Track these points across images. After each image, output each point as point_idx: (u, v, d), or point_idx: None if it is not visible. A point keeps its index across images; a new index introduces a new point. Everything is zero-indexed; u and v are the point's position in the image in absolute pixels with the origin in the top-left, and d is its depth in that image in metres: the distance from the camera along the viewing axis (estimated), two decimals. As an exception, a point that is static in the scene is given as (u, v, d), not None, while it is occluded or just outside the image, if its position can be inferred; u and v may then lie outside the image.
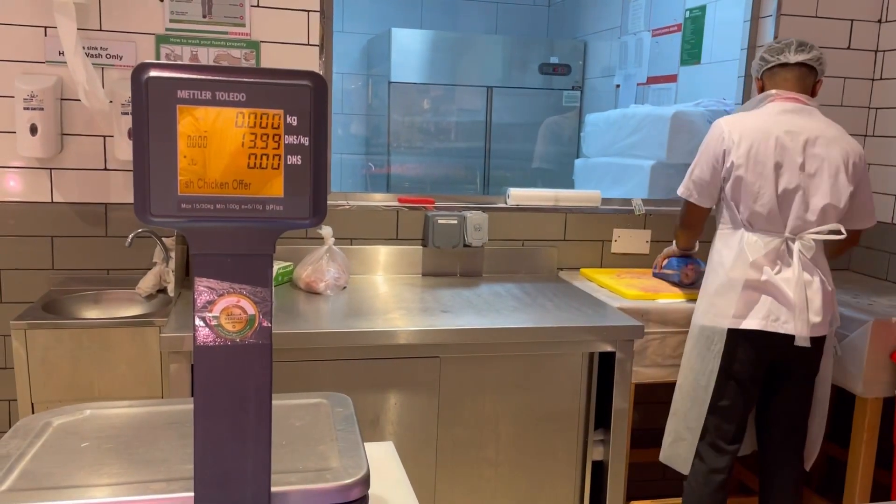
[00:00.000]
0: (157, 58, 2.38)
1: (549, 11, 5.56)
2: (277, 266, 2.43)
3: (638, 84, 4.19)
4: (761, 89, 2.23)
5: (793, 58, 2.14)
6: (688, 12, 3.76)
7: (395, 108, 4.60)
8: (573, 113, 4.89)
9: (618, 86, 4.42)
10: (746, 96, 2.94)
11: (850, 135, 2.18)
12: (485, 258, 2.72)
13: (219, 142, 0.67)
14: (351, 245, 2.61)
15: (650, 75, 4.09)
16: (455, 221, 2.61)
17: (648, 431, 2.96)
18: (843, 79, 2.93)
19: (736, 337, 2.11)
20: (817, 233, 2.09)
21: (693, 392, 2.22)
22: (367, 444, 0.94)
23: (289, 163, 0.68)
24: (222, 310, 0.70)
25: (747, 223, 2.11)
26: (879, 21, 2.92)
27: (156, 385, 2.13)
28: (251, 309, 0.71)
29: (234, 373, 0.72)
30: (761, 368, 2.15)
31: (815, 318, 2.06)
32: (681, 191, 2.25)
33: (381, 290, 2.44)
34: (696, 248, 2.52)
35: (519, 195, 2.77)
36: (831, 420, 2.87)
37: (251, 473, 0.74)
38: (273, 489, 0.77)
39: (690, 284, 2.48)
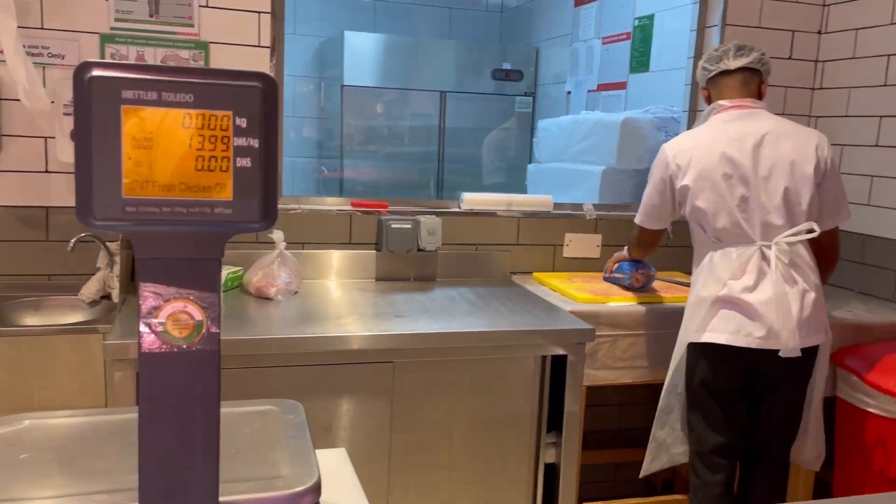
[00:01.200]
0: (102, 58, 2.32)
1: (502, 18, 5.61)
2: (227, 271, 2.39)
3: (589, 91, 4.26)
4: (708, 98, 2.22)
5: (732, 63, 2.13)
6: (636, 21, 3.83)
7: (348, 111, 4.58)
8: (523, 120, 4.94)
9: (569, 92, 4.48)
10: (694, 104, 3.01)
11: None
12: (438, 262, 2.72)
13: (165, 143, 0.66)
14: (303, 249, 2.58)
15: (601, 82, 4.16)
16: (409, 226, 2.61)
17: (600, 433, 3.00)
18: (786, 88, 3.02)
19: (707, 351, 2.08)
20: (791, 235, 2.02)
21: (663, 403, 2.24)
22: (318, 451, 0.93)
23: (238, 165, 0.67)
24: (168, 315, 0.68)
25: (716, 240, 2.08)
26: (819, 32, 3.03)
27: (99, 394, 2.07)
28: (198, 314, 0.69)
29: (181, 380, 0.70)
30: (738, 381, 2.10)
31: (800, 328, 1.98)
32: (636, 219, 2.32)
33: (334, 295, 2.42)
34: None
35: (472, 200, 2.78)
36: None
37: (199, 483, 0.73)
38: (222, 499, 0.75)
39: (640, 288, 2.53)
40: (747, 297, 2.00)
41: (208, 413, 0.72)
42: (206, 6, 2.39)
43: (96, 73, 0.64)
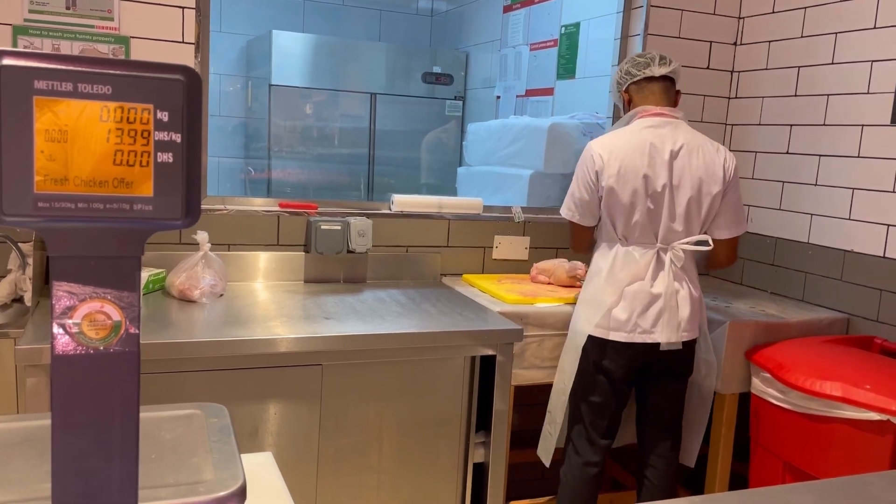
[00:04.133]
0: (14, 49, 2.21)
1: (432, 22, 5.63)
2: (149, 273, 2.31)
3: (517, 96, 4.32)
4: (628, 101, 2.33)
5: (658, 70, 2.26)
6: (563, 28, 3.91)
7: (276, 111, 4.51)
8: (454, 123, 4.97)
9: (498, 97, 4.54)
10: (618, 110, 3.09)
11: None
12: (369, 264, 2.71)
13: (81, 137, 0.63)
14: (229, 251, 2.53)
15: (528, 88, 4.22)
16: (338, 227, 2.58)
17: (527, 432, 3.04)
18: (703, 96, 3.14)
19: (604, 344, 2.22)
20: (686, 243, 2.20)
21: (560, 391, 2.32)
22: (244, 456, 0.91)
23: (159, 160, 0.65)
24: (84, 316, 0.66)
25: (623, 238, 2.22)
26: (735, 44, 3.16)
27: (10, 402, 1.97)
28: (116, 315, 0.67)
29: (98, 383, 0.68)
30: (631, 371, 2.26)
31: (684, 325, 2.20)
32: (563, 212, 2.34)
33: (261, 298, 2.37)
34: None
35: (403, 201, 2.78)
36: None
37: (116, 490, 0.70)
38: (141, 505, 0.73)
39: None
40: (642, 295, 2.18)
41: (127, 417, 0.70)
42: (127, -1, 2.31)
43: (7, 61, 0.61)
